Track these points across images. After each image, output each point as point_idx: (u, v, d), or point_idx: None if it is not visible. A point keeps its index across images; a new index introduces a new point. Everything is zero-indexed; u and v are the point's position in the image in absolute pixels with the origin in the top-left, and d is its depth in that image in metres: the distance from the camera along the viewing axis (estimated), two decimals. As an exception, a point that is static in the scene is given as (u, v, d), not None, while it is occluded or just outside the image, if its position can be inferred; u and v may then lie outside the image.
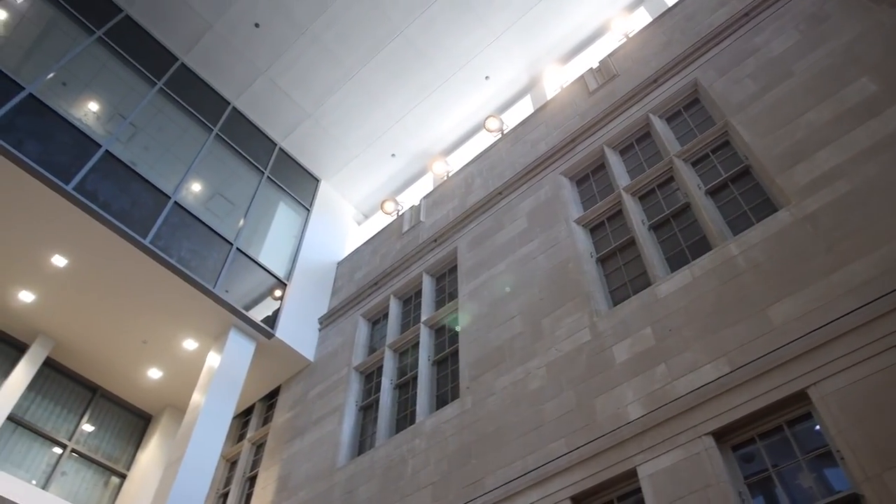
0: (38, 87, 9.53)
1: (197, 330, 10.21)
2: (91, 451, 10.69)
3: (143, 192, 9.99)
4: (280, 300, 10.97)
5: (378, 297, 10.58)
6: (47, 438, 10.29)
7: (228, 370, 9.51)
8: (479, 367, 7.48)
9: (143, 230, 9.43)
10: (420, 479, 6.92)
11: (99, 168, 9.51)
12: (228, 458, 10.67)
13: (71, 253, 9.37)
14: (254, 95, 13.15)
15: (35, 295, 9.99)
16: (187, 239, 10.17)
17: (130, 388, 11.34)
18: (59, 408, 10.71)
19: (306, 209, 13.22)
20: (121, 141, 10.44)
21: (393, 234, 11.80)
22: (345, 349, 10.16)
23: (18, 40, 10.45)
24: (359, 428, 8.92)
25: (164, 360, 10.75)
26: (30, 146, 8.79)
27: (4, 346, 10.46)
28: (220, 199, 11.73)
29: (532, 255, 8.13)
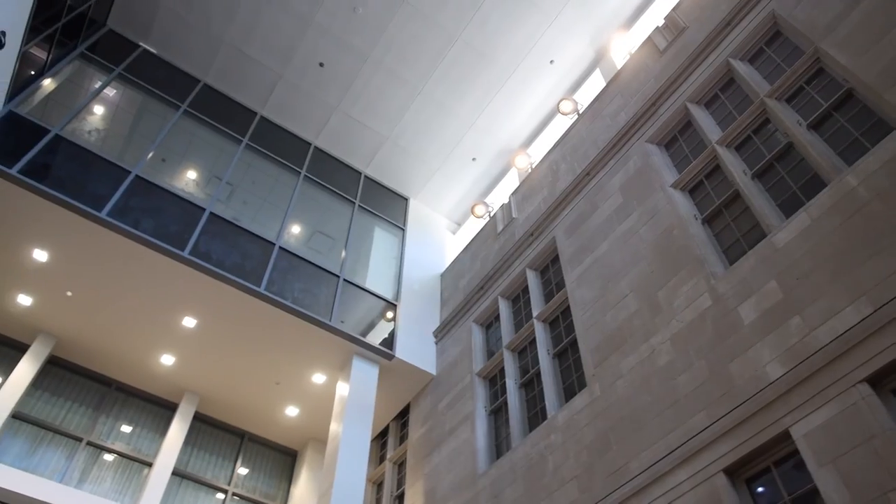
0: (142, 168, 10.33)
1: (322, 363, 10.65)
2: (249, 492, 11.36)
3: (250, 243, 10.58)
4: (393, 321, 11.25)
5: (486, 300, 10.62)
6: (210, 486, 11.04)
7: (358, 397, 9.84)
8: (600, 352, 7.33)
9: (256, 279, 9.98)
10: (563, 474, 6.85)
11: (207, 230, 10.16)
12: (374, 481, 11.01)
13: (198, 312, 10.04)
14: (331, 131, 13.63)
15: (175, 357, 10.79)
16: (297, 279, 10.65)
17: (273, 428, 11.97)
18: (215, 456, 11.47)
19: (401, 229, 13.51)
20: (221, 201, 11.11)
21: (488, 236, 11.82)
22: (464, 357, 10.25)
23: (117, 129, 11.40)
24: (492, 432, 8.96)
25: (298, 397, 11.28)
26: (145, 223, 9.54)
27: (158, 408, 11.36)
28: (319, 235, 12.23)
29: (633, 229, 7.89)
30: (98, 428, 10.62)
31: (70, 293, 9.93)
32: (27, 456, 9.79)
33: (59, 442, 10.17)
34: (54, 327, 10.50)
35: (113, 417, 10.92)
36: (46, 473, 9.70)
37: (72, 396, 10.75)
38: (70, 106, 10.53)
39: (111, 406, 11.01)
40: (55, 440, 10.15)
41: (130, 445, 10.78)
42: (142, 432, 11.03)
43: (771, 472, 5.00)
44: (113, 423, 10.87)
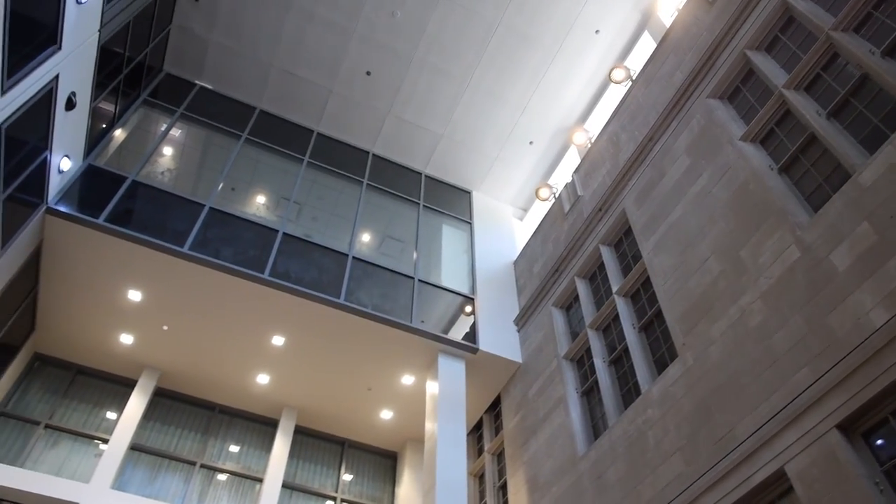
0: (215, 200, 10.77)
1: (409, 365, 10.81)
2: (356, 496, 11.67)
3: (324, 257, 10.86)
4: (473, 314, 11.29)
5: (563, 282, 10.50)
6: (319, 495, 11.42)
7: (448, 394, 9.94)
8: (688, 320, 7.12)
9: (335, 291, 10.23)
10: (665, 448, 6.71)
11: (283, 250, 10.49)
12: (475, 474, 11.10)
13: (285, 330, 10.39)
14: (387, 137, 13.80)
15: (269, 375, 11.21)
16: (374, 286, 10.86)
17: (371, 433, 12.25)
18: (319, 466, 11.85)
19: (468, 223, 13.54)
20: (291, 220, 11.46)
21: (556, 217, 11.68)
22: (548, 342, 10.18)
23: (187, 166, 11.94)
24: (587, 413, 8.86)
25: (391, 400, 11.50)
26: (225, 251, 9.94)
27: (261, 426, 11.84)
28: (389, 240, 12.42)
29: (706, 189, 7.62)
30: (209, 451, 11.17)
31: (166, 327, 10.48)
32: (149, 484, 10.41)
33: (175, 467, 10.76)
34: (156, 361, 11.11)
35: (220, 439, 11.46)
36: (168, 498, 10.28)
37: (181, 424, 11.35)
38: (141, 151, 11.10)
39: (217, 428, 11.55)
40: (172, 466, 10.75)
41: (240, 464, 11.28)
42: (249, 450, 11.52)
43: (889, 423, 4.73)
44: (221, 445, 11.40)
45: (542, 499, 8.70)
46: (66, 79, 8.06)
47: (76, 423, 10.62)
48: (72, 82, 8.33)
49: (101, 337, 10.71)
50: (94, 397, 11.07)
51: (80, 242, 9.29)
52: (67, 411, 10.71)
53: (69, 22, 7.53)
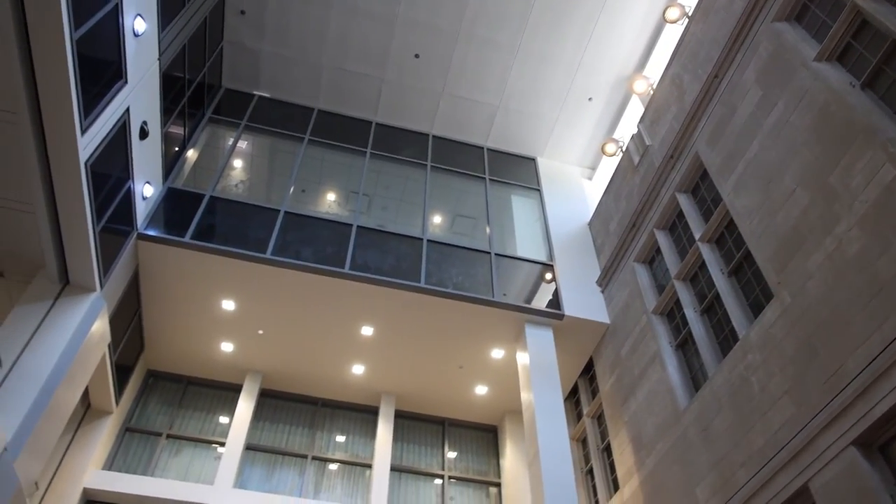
0: (288, 204, 11.11)
1: (497, 338, 10.86)
2: (463, 472, 11.90)
3: (400, 244, 11.03)
4: (554, 281, 11.20)
5: (642, 236, 10.25)
6: (426, 475, 11.72)
7: (539, 362, 9.93)
8: (780, 257, 6.81)
9: (415, 276, 10.38)
10: (772, 392, 6.48)
11: (359, 243, 10.73)
12: (577, 438, 11.09)
13: (372, 320, 10.65)
14: (444, 116, 13.79)
15: (364, 365, 11.54)
16: (452, 266, 10.94)
17: (469, 409, 12.43)
18: (423, 447, 12.14)
19: (536, 190, 13.40)
20: (363, 213, 11.68)
21: (626, 171, 11.38)
22: (634, 299, 9.99)
23: (257, 175, 12.37)
24: (684, 366, 8.66)
25: (483, 375, 11.61)
26: (305, 252, 10.26)
27: (363, 414, 12.22)
28: (460, 219, 12.47)
29: (783, 119, 7.22)
30: (317, 443, 11.65)
31: (261, 331, 10.95)
32: (267, 480, 10.98)
33: (288, 462, 11.29)
34: (257, 364, 11.64)
35: (327, 431, 11.92)
36: (286, 491, 10.82)
37: (288, 420, 11.87)
38: (214, 167, 11.56)
39: (322, 421, 12.02)
40: (285, 461, 11.28)
41: (348, 452, 11.71)
42: (354, 439, 11.94)
43: None
44: (328, 436, 11.86)
45: (647, 457, 8.60)
46: (136, 110, 8.47)
47: (193, 430, 11.31)
48: (142, 112, 8.75)
49: (204, 348, 11.31)
50: (206, 405, 11.73)
51: (171, 262, 9.81)
52: (184, 420, 11.41)
53: (130, 55, 7.89)
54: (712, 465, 7.19)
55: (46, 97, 6.43)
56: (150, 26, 8.38)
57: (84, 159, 7.09)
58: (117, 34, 7.43)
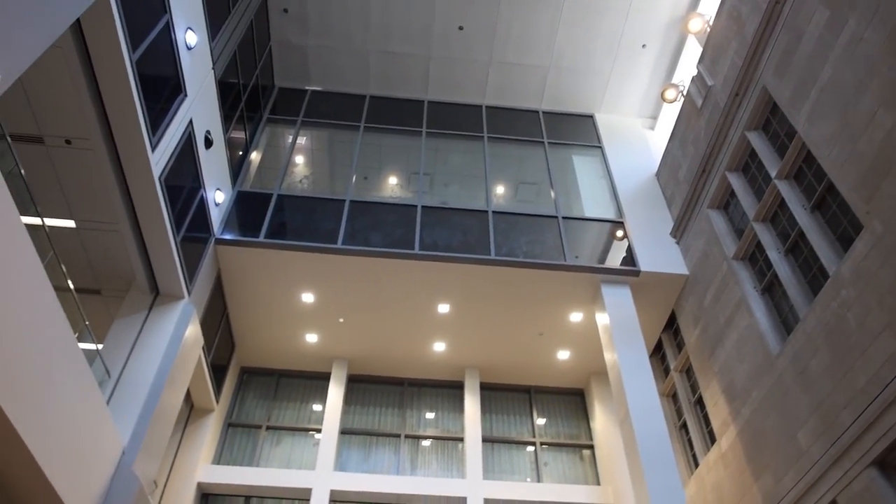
0: (352, 193, 11.31)
1: (574, 302, 10.77)
2: (554, 438, 11.95)
3: (466, 219, 11.05)
4: (626, 237, 10.98)
5: (713, 181, 9.88)
6: (518, 443, 11.83)
7: (620, 321, 9.80)
8: (867, 185, 6.42)
9: (484, 249, 10.40)
10: (871, 327, 6.16)
11: (425, 223, 10.82)
12: (666, 394, 10.91)
13: (447, 297, 10.75)
14: (495, 85, 13.64)
15: (445, 342, 11.69)
16: (520, 234, 10.89)
17: (553, 375, 12.42)
18: (512, 416, 12.25)
19: (598, 147, 13.11)
20: (426, 192, 11.75)
21: (690, 116, 10.95)
22: (712, 247, 9.67)
23: (319, 168, 12.62)
24: (772, 310, 8.34)
25: (564, 340, 11.56)
26: (374, 238, 10.45)
27: (449, 390, 12.43)
28: (523, 186, 12.37)
29: (855, 37, 6.76)
30: (408, 422, 11.95)
31: (342, 319, 11.26)
32: (364, 461, 11.37)
33: (383, 442, 11.64)
34: (342, 352, 12.00)
35: (416, 409, 12.20)
36: (384, 470, 11.18)
37: (378, 402, 12.21)
38: (277, 166, 11.88)
39: (411, 400, 12.30)
40: (380, 441, 11.64)
41: (439, 428, 11.96)
42: (443, 414, 12.16)
43: None
44: (418, 414, 12.14)
45: (743, 406, 8.38)
46: (198, 120, 8.78)
47: (290, 420, 11.80)
48: (204, 122, 9.07)
49: (291, 341, 11.74)
50: (298, 395, 12.21)
51: (249, 262, 10.19)
52: (280, 412, 11.92)
53: (186, 68, 8.17)
54: (813, 409, 6.94)
55: (116, 120, 6.76)
56: (200, 37, 8.63)
57: (157, 175, 7.43)
58: (172, 49, 7.69)
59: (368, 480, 10.57)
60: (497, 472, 11.37)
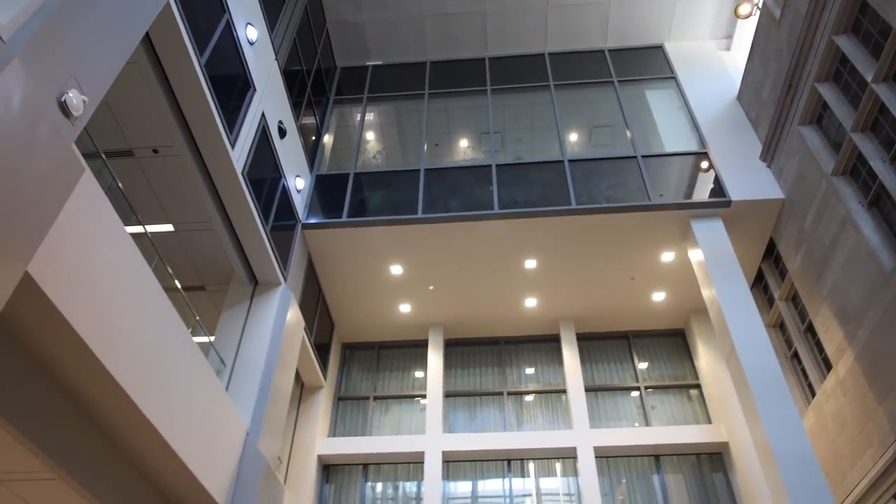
0: (426, 161, 11.38)
1: (664, 242, 10.47)
2: (658, 381, 11.78)
3: (542, 171, 10.90)
4: (711, 168, 10.52)
5: (802, 95, 9.25)
6: (622, 389, 11.75)
7: (715, 256, 9.46)
8: (978, 75, 5.84)
9: (565, 199, 10.25)
10: None
11: (501, 181, 10.76)
12: (773, 325, 10.49)
13: (533, 252, 10.71)
14: (555, 30, 13.24)
15: (536, 297, 11.69)
16: (600, 180, 10.65)
17: (651, 318, 12.19)
18: (612, 363, 12.15)
19: (671, 78, 12.53)
20: (498, 150, 11.65)
21: (769, 29, 10.24)
22: (807, 165, 9.11)
23: (390, 141, 12.74)
24: (882, 224, 7.80)
25: (658, 281, 11.29)
26: (452, 203, 10.50)
27: (544, 344, 12.47)
28: (597, 130, 12.03)
29: (950, -87, 6.08)
30: (509, 379, 12.10)
31: (431, 287, 11.45)
32: (471, 421, 11.64)
33: (487, 401, 11.86)
34: (435, 318, 12.23)
35: (515, 366, 12.32)
36: (491, 428, 11.41)
37: (477, 363, 12.42)
38: (350, 146, 12.09)
39: (509, 358, 12.43)
40: (484, 401, 11.87)
41: (540, 382, 12.05)
42: (543, 368, 12.23)
43: None
44: (518, 371, 12.26)
45: (858, 328, 7.95)
46: (270, 112, 9.05)
47: (395, 389, 12.22)
48: (275, 113, 9.33)
49: (385, 312, 12.07)
50: (400, 364, 12.60)
51: (336, 242, 10.50)
52: (385, 382, 12.35)
53: (251, 63, 8.40)
54: (938, 324, 6.49)
55: (195, 124, 7.07)
56: (260, 31, 8.83)
57: (239, 170, 7.74)
58: (235, 47, 7.92)
59: (478, 439, 10.84)
60: (604, 420, 11.36)
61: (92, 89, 4.50)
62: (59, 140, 3.91)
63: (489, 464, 10.92)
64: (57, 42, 4.15)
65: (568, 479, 10.66)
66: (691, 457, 10.72)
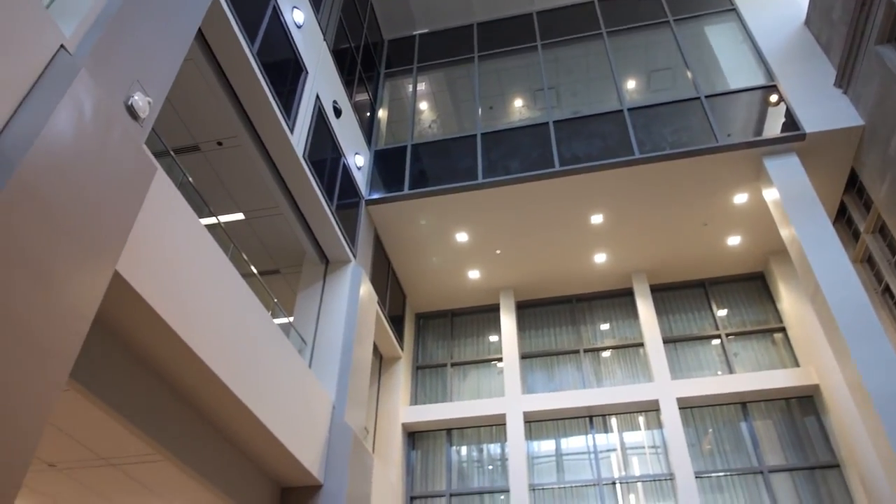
0: (481, 125, 11.28)
1: (735, 183, 10.08)
2: (739, 327, 11.45)
3: (602, 123, 10.63)
4: (782, 101, 9.99)
5: (878, 13, 8.61)
6: (703, 338, 11.49)
7: (792, 193, 9.04)
8: None
9: (627, 149, 9.99)
10: None
11: (560, 137, 10.57)
12: (859, 260, 9.98)
13: (598, 207, 10.52)
14: (603, -25, 12.76)
15: (604, 251, 11.51)
16: (662, 125, 10.30)
17: (727, 263, 11.81)
18: (689, 313, 11.87)
19: (731, 10, 11.89)
20: (554, 106, 11.43)
21: (836, -55, 9.54)
22: (889, 87, 8.51)
23: (444, 109, 12.67)
24: (978, 142, 7.24)
25: (732, 225, 10.90)
26: (512, 165, 10.41)
27: (617, 298, 12.30)
28: (655, 74, 11.61)
29: None
30: (584, 336, 12.03)
31: (498, 251, 11.45)
32: (549, 381, 11.67)
33: (563, 360, 11.85)
34: (505, 281, 12.24)
35: (589, 323, 12.23)
36: (570, 386, 11.41)
37: (550, 323, 12.39)
38: (405, 118, 12.11)
39: (582, 315, 12.34)
40: (560, 360, 11.86)
41: (616, 337, 11.92)
42: (618, 323, 12.09)
43: None
44: (592, 328, 12.17)
45: (957, 255, 7.46)
46: (323, 93, 9.16)
47: (471, 354, 12.36)
48: (329, 93, 9.43)
49: (455, 279, 12.17)
50: (474, 330, 12.72)
51: (399, 215, 10.62)
52: (461, 348, 12.52)
53: (301, 46, 8.49)
54: None
55: (253, 113, 7.24)
56: (306, 14, 8.90)
57: (301, 154, 7.90)
58: (284, 32, 8.02)
59: (557, 398, 10.87)
60: (685, 370, 11.18)
61: (155, 90, 4.67)
62: (130, 142, 4.10)
63: (571, 421, 10.96)
64: (118, 48, 4.31)
65: (652, 431, 10.59)
66: (780, 402, 10.43)
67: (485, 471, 10.91)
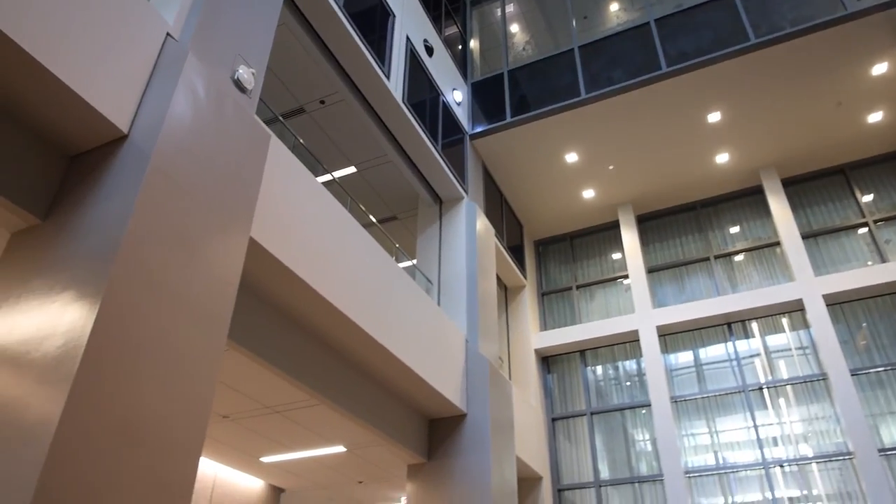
0: (576, 38, 10.78)
1: (873, 53, 9.03)
2: (890, 211, 10.44)
3: (708, 11, 9.87)
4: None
5: None
6: (848, 228, 10.62)
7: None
8: None
9: (740, 36, 9.24)
10: None
11: (664, 35, 9.92)
12: None
13: (715, 104, 9.85)
14: None
15: (726, 151, 10.82)
16: (778, 2, 9.39)
17: (868, 144, 10.72)
18: (831, 203, 10.97)
19: None
20: (653, 3, 10.66)
21: None
22: None
23: (535, 28, 12.19)
24: None
25: (872, 100, 9.83)
26: (616, 74, 9.92)
27: (745, 198, 11.59)
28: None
29: None
30: (713, 242, 11.50)
31: (611, 167, 11.08)
32: (681, 292, 11.33)
33: (693, 269, 11.42)
34: (621, 196, 11.87)
35: (717, 228, 11.65)
36: (703, 296, 11.02)
37: (674, 234, 11.93)
38: (497, 44, 11.80)
39: (708, 221, 11.76)
40: (690, 269, 11.45)
41: (748, 240, 11.29)
42: (748, 223, 11.42)
43: None
44: (720, 233, 11.59)
45: None
46: (413, 34, 9.09)
47: (595, 274, 12.22)
48: (418, 33, 9.35)
49: (569, 202, 11.97)
50: (595, 250, 12.52)
51: (505, 144, 10.50)
52: (584, 270, 12.39)
53: (384, -10, 8.43)
54: None
55: (349, 66, 7.34)
56: (384, -46, 8.78)
57: (399, 98, 7.96)
58: (366, -21, 7.99)
59: (691, 308, 10.57)
60: (829, 265, 10.44)
61: (256, 60, 4.85)
62: (243, 114, 4.31)
63: (708, 331, 10.65)
64: (216, 26, 4.49)
65: (798, 332, 10.08)
66: (945, 286, 9.53)
67: (623, 388, 10.93)
